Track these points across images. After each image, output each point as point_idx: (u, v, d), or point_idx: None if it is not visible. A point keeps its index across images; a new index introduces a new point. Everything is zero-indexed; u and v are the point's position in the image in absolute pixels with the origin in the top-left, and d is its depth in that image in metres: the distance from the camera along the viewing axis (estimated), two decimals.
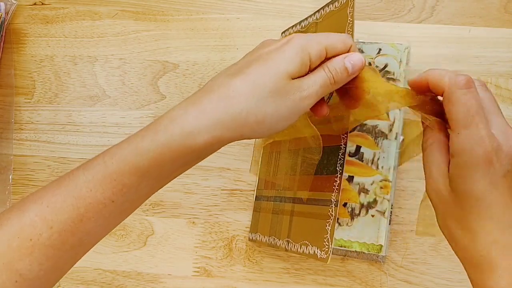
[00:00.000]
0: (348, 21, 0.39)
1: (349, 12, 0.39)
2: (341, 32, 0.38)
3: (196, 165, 0.54)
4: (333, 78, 0.34)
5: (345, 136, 0.39)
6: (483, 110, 0.31)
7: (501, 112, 0.32)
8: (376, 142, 0.49)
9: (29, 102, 0.56)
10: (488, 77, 0.52)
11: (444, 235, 0.34)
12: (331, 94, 0.42)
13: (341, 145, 0.40)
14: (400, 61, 0.50)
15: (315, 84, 0.33)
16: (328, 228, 0.38)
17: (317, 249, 0.38)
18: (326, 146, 0.41)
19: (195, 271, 0.51)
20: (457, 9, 0.54)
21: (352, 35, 0.38)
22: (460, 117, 0.31)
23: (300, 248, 0.41)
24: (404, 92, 0.34)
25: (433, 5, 0.54)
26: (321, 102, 0.36)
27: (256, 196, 0.51)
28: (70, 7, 0.58)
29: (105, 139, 0.55)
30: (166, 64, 0.56)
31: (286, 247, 0.43)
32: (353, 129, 0.49)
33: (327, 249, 0.37)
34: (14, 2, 0.57)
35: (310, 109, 0.35)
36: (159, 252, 0.52)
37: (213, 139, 0.31)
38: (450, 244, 0.33)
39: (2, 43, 0.57)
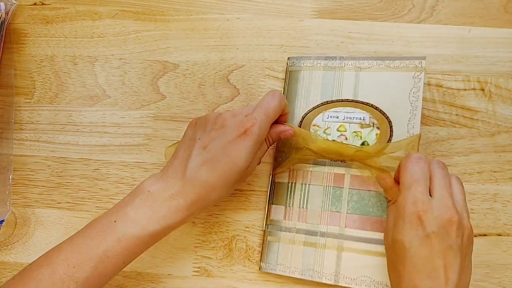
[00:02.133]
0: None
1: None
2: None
3: None
4: (270, 144, 0.45)
5: None
6: (425, 180, 0.40)
7: (450, 187, 0.40)
8: None
9: (29, 102, 0.56)
10: (488, 77, 0.52)
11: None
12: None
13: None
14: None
15: (259, 158, 0.44)
16: None
17: (378, 284, 0.46)
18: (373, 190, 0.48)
19: (195, 271, 0.51)
20: (457, 9, 0.54)
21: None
22: (405, 180, 0.40)
23: (357, 282, 0.47)
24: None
25: (433, 5, 0.54)
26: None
27: (270, 225, 0.50)
28: (70, 7, 0.58)
29: (105, 139, 0.55)
30: (166, 64, 0.56)
31: (335, 280, 0.47)
32: None
33: None
34: (14, 2, 0.57)
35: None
36: (159, 252, 0.52)
37: (189, 216, 0.42)
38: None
39: (2, 43, 0.57)
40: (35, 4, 0.58)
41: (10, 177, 0.55)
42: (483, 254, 0.50)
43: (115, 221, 0.39)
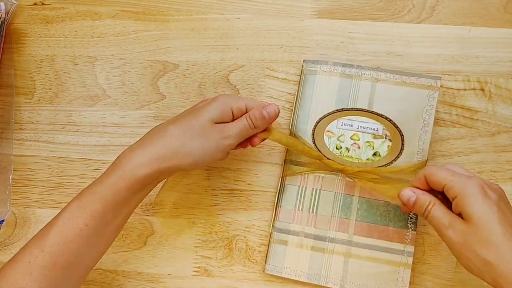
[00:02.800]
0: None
1: None
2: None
3: None
4: (253, 123, 0.44)
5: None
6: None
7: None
8: None
9: (29, 102, 0.56)
10: (488, 77, 0.52)
11: (465, 266, 0.39)
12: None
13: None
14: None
15: (236, 128, 0.44)
16: (402, 273, 0.48)
17: None
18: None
19: (195, 271, 0.51)
20: (457, 9, 0.54)
21: None
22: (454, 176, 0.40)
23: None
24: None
25: (433, 5, 0.54)
26: (249, 139, 0.46)
27: (277, 228, 0.50)
28: (70, 7, 0.58)
29: (105, 139, 0.55)
30: (166, 64, 0.56)
31: (341, 286, 0.48)
32: None
33: None
34: (14, 2, 0.57)
35: (239, 144, 0.45)
36: (159, 252, 0.52)
37: (153, 170, 0.41)
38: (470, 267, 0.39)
39: (2, 43, 0.57)
40: (35, 4, 0.58)
41: (10, 177, 0.55)
42: None
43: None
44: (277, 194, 0.51)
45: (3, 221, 0.54)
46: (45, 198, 0.54)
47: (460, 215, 0.39)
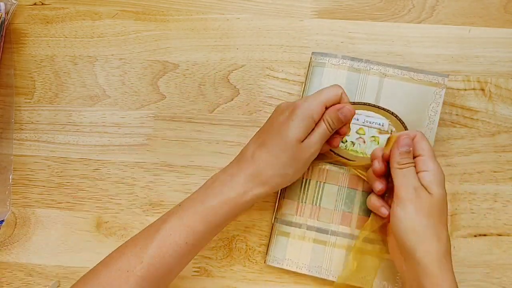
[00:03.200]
0: None
1: None
2: None
3: (196, 165, 0.54)
4: (330, 127, 0.44)
5: None
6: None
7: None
8: None
9: (29, 102, 0.56)
10: (488, 77, 0.52)
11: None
12: None
13: None
14: None
15: (319, 138, 0.44)
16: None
17: (388, 283, 0.48)
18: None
19: (195, 271, 0.51)
20: (457, 9, 0.54)
21: None
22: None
23: (362, 282, 0.48)
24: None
25: (433, 5, 0.54)
26: (330, 141, 0.47)
27: (279, 219, 0.50)
28: (70, 7, 0.58)
29: (105, 139, 0.55)
30: (166, 64, 0.56)
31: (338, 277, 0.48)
32: None
33: (398, 285, 0.48)
34: (14, 2, 0.57)
35: (326, 143, 0.46)
36: None
37: (255, 196, 0.43)
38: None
39: (2, 43, 0.57)
40: (35, 4, 0.58)
41: (10, 177, 0.55)
42: (483, 254, 0.50)
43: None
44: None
45: (3, 221, 0.54)
46: (45, 198, 0.54)
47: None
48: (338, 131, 0.46)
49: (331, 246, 0.49)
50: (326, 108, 0.44)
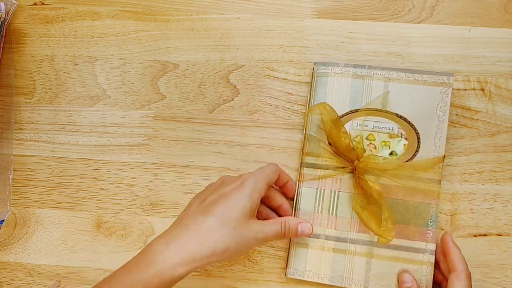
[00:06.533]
0: None
1: None
2: None
3: (196, 165, 0.54)
4: (285, 233, 0.45)
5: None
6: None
7: None
8: None
9: (29, 102, 0.56)
10: (488, 77, 0.52)
11: None
12: (416, 150, 0.50)
13: (431, 203, 0.49)
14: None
15: (269, 232, 0.44)
16: (425, 271, 0.48)
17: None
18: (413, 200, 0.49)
19: (195, 271, 0.51)
20: (457, 9, 0.54)
21: None
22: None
23: None
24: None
25: (433, 5, 0.54)
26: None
27: None
28: (70, 7, 0.58)
29: (105, 139, 0.55)
30: (166, 64, 0.56)
31: (365, 286, 0.48)
32: None
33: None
34: (14, 2, 0.57)
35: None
36: None
37: (189, 270, 0.40)
38: None
39: (2, 43, 0.57)
40: (35, 4, 0.58)
41: (10, 177, 0.55)
42: (483, 254, 0.50)
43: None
44: (294, 198, 0.51)
45: (3, 221, 0.54)
46: (45, 198, 0.54)
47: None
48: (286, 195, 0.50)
49: (351, 255, 0.49)
50: (267, 185, 0.45)
